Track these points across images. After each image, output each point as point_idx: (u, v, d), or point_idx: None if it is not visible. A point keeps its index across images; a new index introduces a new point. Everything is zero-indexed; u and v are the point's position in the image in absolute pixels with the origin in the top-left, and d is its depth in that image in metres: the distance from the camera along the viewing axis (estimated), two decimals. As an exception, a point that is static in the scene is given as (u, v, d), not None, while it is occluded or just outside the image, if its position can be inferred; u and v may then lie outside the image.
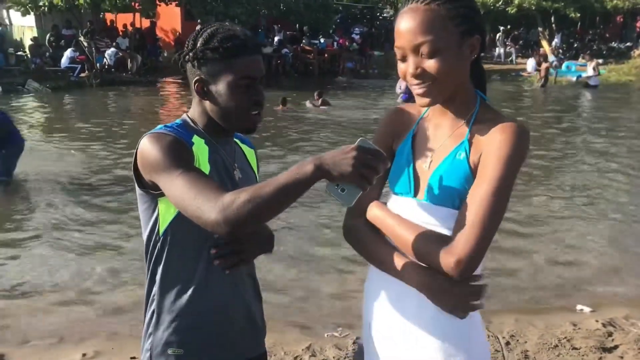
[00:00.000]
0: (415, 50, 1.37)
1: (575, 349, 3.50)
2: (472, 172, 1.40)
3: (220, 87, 1.54)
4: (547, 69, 19.79)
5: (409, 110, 1.59)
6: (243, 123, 1.59)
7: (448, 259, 1.33)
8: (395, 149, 1.56)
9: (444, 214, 1.41)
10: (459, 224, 1.35)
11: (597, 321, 3.84)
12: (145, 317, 1.64)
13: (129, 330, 3.81)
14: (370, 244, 1.52)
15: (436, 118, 1.51)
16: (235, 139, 1.73)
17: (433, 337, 1.43)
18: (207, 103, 1.58)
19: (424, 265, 1.40)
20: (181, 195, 1.40)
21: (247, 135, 1.76)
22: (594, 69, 19.21)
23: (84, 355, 3.50)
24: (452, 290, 1.38)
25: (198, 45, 1.55)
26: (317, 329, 3.87)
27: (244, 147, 1.78)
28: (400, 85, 13.39)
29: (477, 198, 1.35)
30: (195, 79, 1.56)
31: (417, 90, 1.41)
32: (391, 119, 1.60)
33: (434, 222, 1.42)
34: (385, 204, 1.55)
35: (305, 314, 4.11)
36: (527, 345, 3.52)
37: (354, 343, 3.55)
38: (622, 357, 3.44)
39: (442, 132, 1.49)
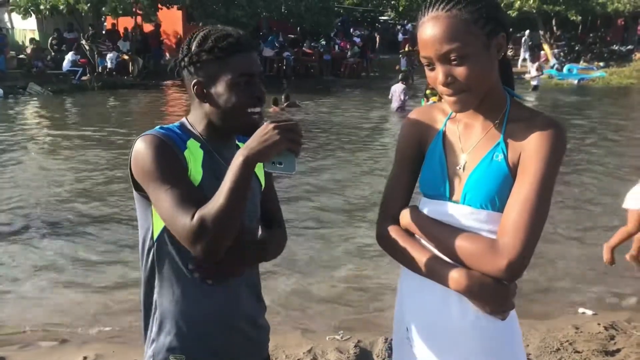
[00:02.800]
0: (443, 58, 1.35)
1: (578, 352, 3.49)
2: (511, 173, 1.40)
3: (219, 88, 1.53)
4: None
5: (432, 111, 1.58)
6: (245, 123, 1.56)
7: (499, 262, 1.33)
8: (424, 151, 1.54)
9: (484, 217, 1.41)
10: (505, 226, 1.35)
11: (599, 324, 3.82)
12: (146, 323, 1.63)
13: (131, 333, 3.81)
14: (407, 250, 1.50)
15: (465, 117, 1.49)
16: (238, 143, 1.71)
17: (478, 339, 1.45)
18: (206, 106, 1.56)
19: (465, 268, 1.40)
20: (164, 213, 1.44)
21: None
22: (537, 69, 19.19)
23: (85, 358, 3.49)
24: (495, 292, 1.38)
25: (193, 48, 1.54)
26: (318, 332, 3.87)
27: None
28: (400, 97, 13.19)
29: (522, 199, 1.34)
30: (194, 82, 1.55)
31: (449, 99, 1.40)
32: (415, 122, 1.58)
33: (473, 225, 1.42)
34: (417, 208, 1.54)
35: (306, 317, 4.10)
36: (529, 349, 3.51)
37: (355, 346, 3.55)
38: (624, 361, 3.43)
39: (474, 132, 1.48)
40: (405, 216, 1.53)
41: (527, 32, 25.20)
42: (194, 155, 1.54)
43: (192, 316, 1.58)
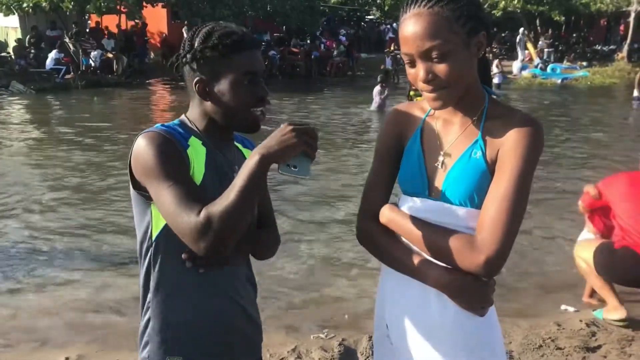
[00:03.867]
0: (424, 55, 1.36)
1: (560, 349, 3.52)
2: (490, 170, 1.41)
3: (222, 86, 1.50)
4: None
5: (411, 108, 1.59)
6: (247, 122, 1.55)
7: (477, 258, 1.34)
8: (403, 148, 1.55)
9: (463, 214, 1.42)
10: (483, 223, 1.36)
11: (580, 321, 3.86)
12: (141, 324, 1.60)
13: (114, 333, 3.78)
14: (387, 247, 1.52)
15: (444, 115, 1.50)
16: (237, 143, 1.69)
17: (457, 336, 1.45)
18: (208, 104, 1.54)
19: (444, 265, 1.41)
20: (167, 212, 1.41)
21: (250, 137, 1.73)
22: (496, 66, 19.34)
23: (66, 359, 3.46)
24: (473, 288, 1.40)
25: (196, 45, 1.50)
26: (302, 330, 3.87)
27: (246, 152, 1.73)
28: (376, 99, 13.26)
29: (499, 196, 1.36)
30: (196, 79, 1.52)
31: (429, 95, 1.41)
32: (395, 118, 1.58)
33: (452, 221, 1.43)
34: (396, 205, 1.55)
35: (291, 315, 4.10)
36: (512, 346, 3.54)
37: (339, 345, 3.55)
38: (605, 357, 3.46)
39: (453, 129, 1.49)
40: (384, 213, 1.52)
41: (521, 30, 25.09)
42: (196, 153, 1.52)
43: (189, 317, 1.55)
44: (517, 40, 24.97)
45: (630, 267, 3.67)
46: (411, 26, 1.36)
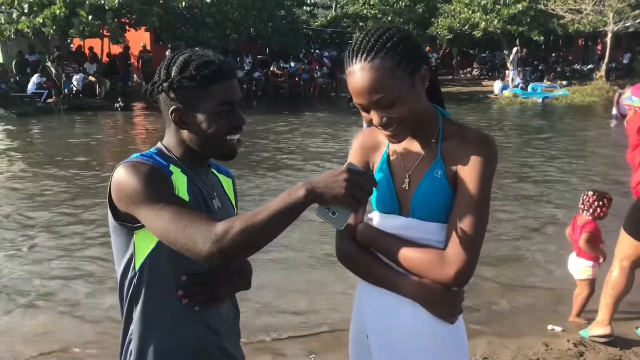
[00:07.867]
0: (374, 105, 1.46)
1: (548, 369, 3.50)
2: (452, 186, 1.52)
3: (199, 116, 1.50)
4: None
5: (375, 133, 1.66)
6: (223, 150, 1.55)
7: (447, 271, 1.47)
8: (372, 168, 1.65)
9: (433, 229, 1.53)
10: (451, 238, 1.48)
11: (568, 341, 3.85)
12: (121, 356, 1.57)
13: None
14: (366, 264, 1.61)
15: (405, 140, 1.59)
16: (212, 169, 1.69)
17: (430, 342, 1.56)
18: (184, 132, 1.53)
19: (417, 277, 1.52)
20: (168, 228, 1.36)
21: (224, 164, 1.73)
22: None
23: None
24: (444, 298, 1.51)
25: (172, 74, 1.49)
26: (289, 355, 3.82)
27: (221, 177, 1.74)
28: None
29: (463, 211, 1.47)
30: (172, 108, 1.51)
31: (386, 133, 1.51)
32: (362, 144, 1.69)
33: (424, 236, 1.54)
34: (371, 223, 1.65)
35: (276, 341, 4.03)
36: (501, 367, 3.52)
37: (326, 370, 3.51)
38: (593, 377, 3.45)
39: (414, 152, 1.59)
40: (361, 231, 1.62)
41: (514, 49, 25.24)
42: (179, 180, 1.51)
43: (172, 350, 1.52)
44: (511, 58, 25.09)
45: None
46: (357, 80, 1.44)
